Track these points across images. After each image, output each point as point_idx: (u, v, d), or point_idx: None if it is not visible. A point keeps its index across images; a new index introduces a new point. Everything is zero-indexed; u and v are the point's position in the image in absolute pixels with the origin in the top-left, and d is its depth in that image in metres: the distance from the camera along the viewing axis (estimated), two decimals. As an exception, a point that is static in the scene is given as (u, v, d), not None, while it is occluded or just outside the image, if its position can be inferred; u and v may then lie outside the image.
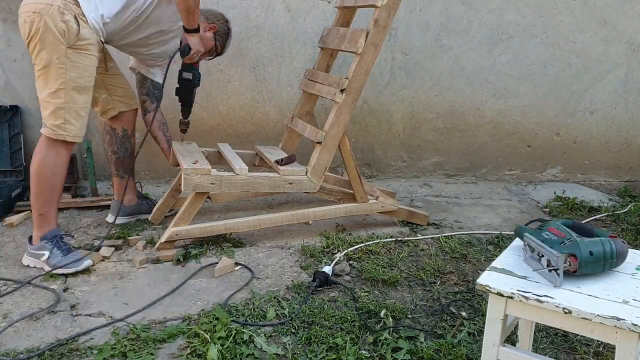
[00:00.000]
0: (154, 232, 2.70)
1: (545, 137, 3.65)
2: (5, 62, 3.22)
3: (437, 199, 3.37)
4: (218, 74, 3.40)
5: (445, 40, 3.44)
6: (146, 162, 3.47)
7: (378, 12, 2.43)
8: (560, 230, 1.39)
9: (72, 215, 2.95)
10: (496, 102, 3.57)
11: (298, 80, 3.40)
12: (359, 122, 3.53)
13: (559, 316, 1.20)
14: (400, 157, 3.66)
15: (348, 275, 2.31)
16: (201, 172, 2.39)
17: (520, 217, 3.07)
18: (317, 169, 2.57)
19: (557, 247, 1.32)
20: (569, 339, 1.86)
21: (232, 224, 2.53)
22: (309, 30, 3.36)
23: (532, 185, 3.67)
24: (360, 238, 2.66)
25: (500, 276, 1.32)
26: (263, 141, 3.45)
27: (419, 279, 2.29)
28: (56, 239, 2.32)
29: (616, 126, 3.64)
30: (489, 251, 2.58)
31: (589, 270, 1.28)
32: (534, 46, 3.48)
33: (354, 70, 2.47)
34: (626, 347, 1.14)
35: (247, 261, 2.43)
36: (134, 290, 2.16)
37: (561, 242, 1.34)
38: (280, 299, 2.10)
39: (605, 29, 3.46)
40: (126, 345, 1.78)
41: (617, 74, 3.55)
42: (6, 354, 1.74)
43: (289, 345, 1.81)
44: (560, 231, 1.38)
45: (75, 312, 2.00)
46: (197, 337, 1.81)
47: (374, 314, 2.00)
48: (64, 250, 2.30)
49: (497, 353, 1.32)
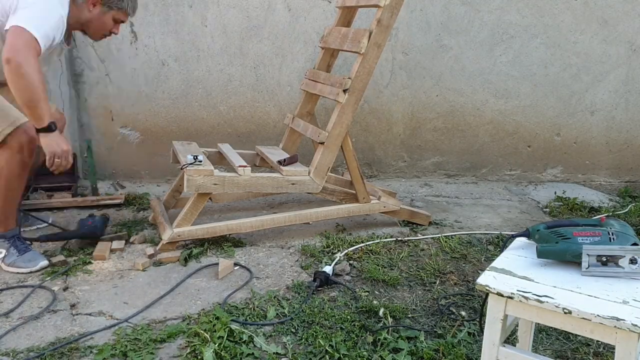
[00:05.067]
0: (154, 232, 2.70)
1: (545, 137, 3.65)
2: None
3: (438, 199, 3.37)
4: (218, 73, 3.40)
5: (445, 40, 3.44)
6: (146, 162, 3.47)
7: (381, 12, 2.43)
8: (587, 230, 1.35)
9: (72, 215, 2.95)
10: (497, 102, 3.57)
11: (299, 80, 3.40)
12: (359, 122, 3.53)
13: (559, 316, 1.20)
14: (401, 157, 3.66)
15: (348, 275, 2.31)
16: (204, 173, 2.39)
17: (520, 217, 3.08)
18: (319, 170, 2.57)
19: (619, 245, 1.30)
20: (569, 339, 1.87)
21: (234, 225, 2.53)
22: (310, 30, 3.36)
23: (533, 186, 3.67)
24: (361, 238, 2.66)
25: (500, 276, 1.32)
26: (263, 141, 3.45)
27: (419, 279, 2.29)
28: (14, 238, 2.31)
29: (617, 126, 3.64)
30: (489, 251, 2.58)
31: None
32: (534, 46, 3.47)
33: (356, 71, 2.47)
34: (626, 347, 1.14)
35: (248, 261, 2.43)
36: (134, 290, 2.17)
37: (609, 239, 1.32)
38: (280, 299, 2.10)
39: (606, 29, 3.46)
40: (126, 345, 1.78)
41: (618, 74, 3.54)
42: (6, 354, 1.74)
43: (289, 345, 1.81)
44: (587, 232, 1.34)
45: (75, 311, 2.00)
46: (197, 336, 1.82)
47: (374, 314, 2.00)
48: (21, 250, 2.29)
49: (497, 353, 1.32)
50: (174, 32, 3.31)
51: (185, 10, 3.29)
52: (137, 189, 3.37)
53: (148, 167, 3.50)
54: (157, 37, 3.31)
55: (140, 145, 3.47)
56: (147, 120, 3.44)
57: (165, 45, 3.33)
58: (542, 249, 1.35)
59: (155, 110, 3.43)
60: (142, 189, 3.35)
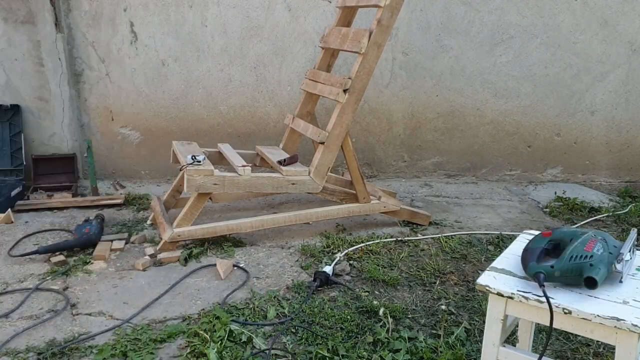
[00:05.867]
0: (154, 232, 2.70)
1: (545, 137, 3.65)
2: (5, 62, 3.22)
3: (438, 199, 3.37)
4: (219, 73, 3.40)
5: (446, 40, 3.44)
6: (146, 162, 3.47)
7: (381, 12, 2.43)
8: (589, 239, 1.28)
9: (72, 215, 2.95)
10: (497, 102, 3.57)
11: (299, 79, 3.40)
12: (359, 122, 3.53)
13: (559, 316, 1.20)
14: (401, 157, 3.66)
15: (348, 275, 2.31)
16: (204, 173, 2.39)
17: (520, 217, 3.07)
18: (319, 170, 2.57)
19: (611, 242, 1.28)
20: (569, 339, 1.86)
21: (235, 225, 2.53)
22: (310, 30, 3.36)
23: (533, 186, 3.67)
24: (361, 238, 2.66)
25: (501, 276, 1.32)
26: (263, 141, 3.45)
27: (419, 279, 2.29)
28: None
29: (617, 126, 3.64)
30: (489, 251, 2.58)
31: None
32: (534, 46, 3.47)
33: (356, 71, 2.47)
34: (626, 348, 1.14)
35: (248, 261, 2.43)
36: (134, 290, 2.16)
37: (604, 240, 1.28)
38: (280, 299, 2.10)
39: (606, 30, 3.46)
40: (126, 344, 1.78)
41: (618, 75, 3.54)
42: (6, 354, 1.74)
43: (289, 345, 1.81)
44: (591, 240, 1.27)
45: (76, 311, 2.00)
46: (197, 336, 1.82)
47: (374, 314, 2.00)
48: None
49: (497, 353, 1.32)
50: (174, 32, 3.31)
51: (185, 10, 3.29)
52: (137, 189, 3.37)
53: (148, 167, 3.50)
54: (157, 37, 3.31)
55: (140, 145, 3.47)
56: (147, 120, 3.44)
57: (165, 45, 3.33)
58: (600, 276, 1.19)
59: (155, 110, 3.43)
60: (142, 189, 3.35)
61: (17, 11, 3.10)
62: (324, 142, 2.54)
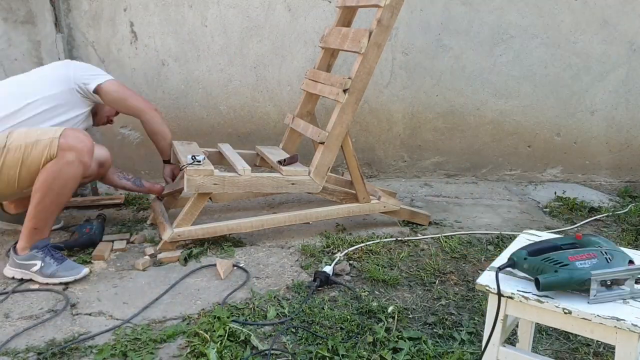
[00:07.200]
0: (154, 232, 2.70)
1: (545, 137, 3.65)
2: (5, 62, 3.22)
3: (438, 198, 3.37)
4: (219, 73, 3.40)
5: (446, 40, 3.44)
6: (147, 162, 3.47)
7: (381, 12, 2.43)
8: (582, 253, 1.24)
9: (72, 215, 2.95)
10: (497, 102, 3.57)
11: (299, 79, 3.40)
12: (359, 122, 3.53)
13: (559, 316, 1.20)
14: (401, 156, 3.66)
15: (348, 275, 2.31)
16: (204, 173, 2.39)
17: (520, 217, 3.08)
18: (319, 169, 2.57)
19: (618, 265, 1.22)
20: (569, 339, 1.87)
21: (235, 225, 2.53)
22: (310, 30, 3.36)
23: (533, 186, 3.67)
24: (361, 238, 2.66)
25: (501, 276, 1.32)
26: (263, 141, 3.45)
27: (419, 279, 2.29)
28: (47, 248, 2.22)
29: (617, 126, 3.64)
30: (489, 251, 2.58)
31: None
32: (534, 46, 3.47)
33: (356, 70, 2.47)
34: (626, 348, 1.14)
35: (247, 260, 2.43)
36: (134, 290, 2.17)
37: (606, 260, 1.22)
38: (280, 299, 2.10)
39: (606, 30, 3.46)
40: (126, 344, 1.78)
41: (618, 75, 3.54)
42: (6, 354, 1.74)
43: (289, 345, 1.81)
44: (583, 254, 1.23)
45: (75, 311, 2.00)
46: (197, 336, 1.82)
47: (374, 314, 2.00)
48: (58, 259, 2.21)
49: (497, 353, 1.32)
50: (174, 32, 3.31)
51: (185, 10, 3.29)
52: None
53: (148, 167, 3.50)
54: (157, 37, 3.31)
55: (140, 145, 3.47)
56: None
57: (165, 45, 3.33)
58: (545, 281, 1.19)
59: (155, 110, 3.42)
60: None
61: (17, 11, 3.10)
62: (324, 142, 2.54)
